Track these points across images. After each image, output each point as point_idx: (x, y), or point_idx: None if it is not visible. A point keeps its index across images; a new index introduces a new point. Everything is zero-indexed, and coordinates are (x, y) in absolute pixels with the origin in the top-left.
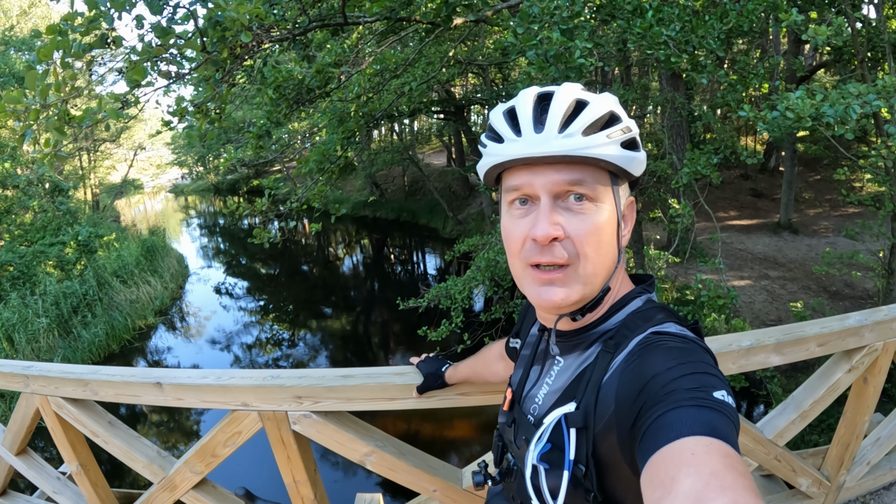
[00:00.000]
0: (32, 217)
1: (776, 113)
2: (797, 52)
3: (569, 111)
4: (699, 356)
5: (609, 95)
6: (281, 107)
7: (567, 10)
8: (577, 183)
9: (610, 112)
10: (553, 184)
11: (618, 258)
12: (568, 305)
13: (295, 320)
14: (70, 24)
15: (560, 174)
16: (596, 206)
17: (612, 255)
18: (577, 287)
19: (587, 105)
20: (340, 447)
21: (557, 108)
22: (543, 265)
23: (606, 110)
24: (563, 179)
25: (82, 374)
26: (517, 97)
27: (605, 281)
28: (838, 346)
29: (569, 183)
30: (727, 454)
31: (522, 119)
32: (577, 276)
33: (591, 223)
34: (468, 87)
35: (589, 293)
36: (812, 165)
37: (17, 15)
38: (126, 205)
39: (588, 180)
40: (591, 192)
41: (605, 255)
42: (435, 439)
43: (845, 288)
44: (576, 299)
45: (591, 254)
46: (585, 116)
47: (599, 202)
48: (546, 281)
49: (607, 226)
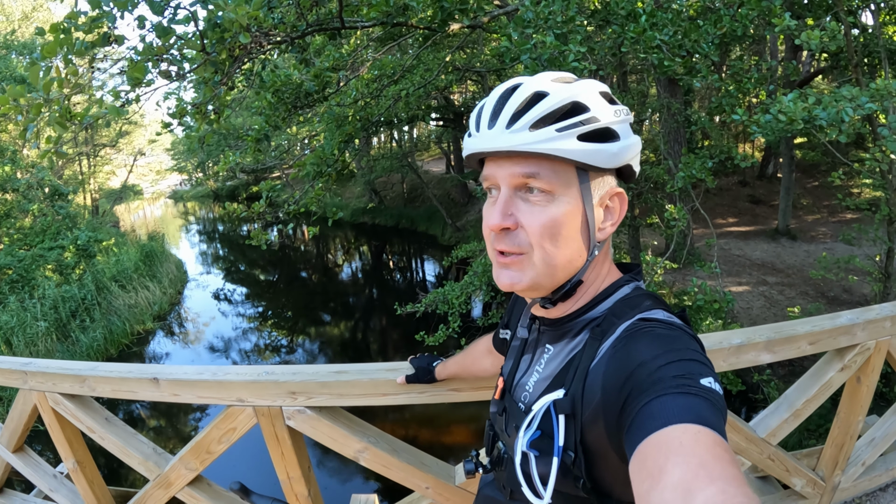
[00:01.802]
0: (32, 221)
1: (769, 116)
2: (794, 58)
3: (521, 105)
4: (686, 343)
5: (586, 83)
6: (279, 111)
7: (561, 15)
8: (531, 176)
9: (571, 103)
10: (510, 176)
11: (588, 250)
12: (521, 290)
13: (293, 326)
14: (73, 22)
15: (516, 167)
16: (553, 199)
17: (576, 247)
18: (530, 273)
19: (544, 97)
20: (334, 443)
21: (512, 102)
22: (505, 252)
23: (566, 101)
24: (519, 172)
25: (80, 370)
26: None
27: (568, 272)
28: (830, 344)
29: (523, 176)
30: (715, 443)
31: (483, 114)
32: (530, 264)
33: (546, 215)
34: (467, 95)
35: (546, 282)
36: (810, 172)
37: (18, 19)
38: (125, 210)
39: (543, 173)
40: (545, 185)
41: (564, 247)
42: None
43: (843, 293)
44: (526, 285)
45: (546, 245)
46: (538, 109)
47: (557, 194)
48: (503, 264)
49: (566, 218)
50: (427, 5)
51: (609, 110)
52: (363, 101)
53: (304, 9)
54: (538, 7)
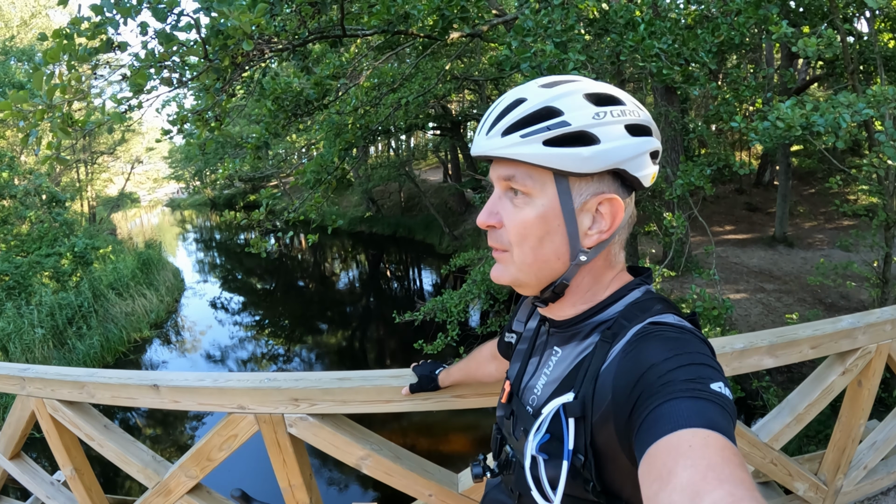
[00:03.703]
0: (29, 227)
1: (766, 123)
2: (790, 66)
3: (501, 111)
4: (696, 347)
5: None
6: (279, 118)
7: (561, 24)
8: (508, 178)
9: (545, 108)
10: (497, 178)
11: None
12: (506, 283)
13: (291, 335)
14: (76, 28)
15: (498, 170)
16: (528, 201)
17: (551, 249)
18: (511, 270)
19: (521, 103)
20: (336, 450)
21: (495, 109)
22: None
23: (539, 106)
24: (500, 175)
25: (79, 376)
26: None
27: (544, 273)
28: (831, 348)
29: (503, 178)
30: (724, 447)
31: (483, 119)
32: (511, 261)
33: (520, 216)
34: (465, 104)
35: (527, 280)
36: (806, 179)
37: (17, 26)
38: (123, 218)
39: (519, 176)
40: (521, 187)
41: (537, 248)
42: (431, 452)
43: (841, 300)
44: (508, 280)
45: (522, 244)
46: (511, 116)
47: (533, 197)
48: (495, 257)
49: (537, 220)
50: (428, 14)
51: (586, 113)
52: (363, 109)
53: (305, 16)
54: (538, 16)
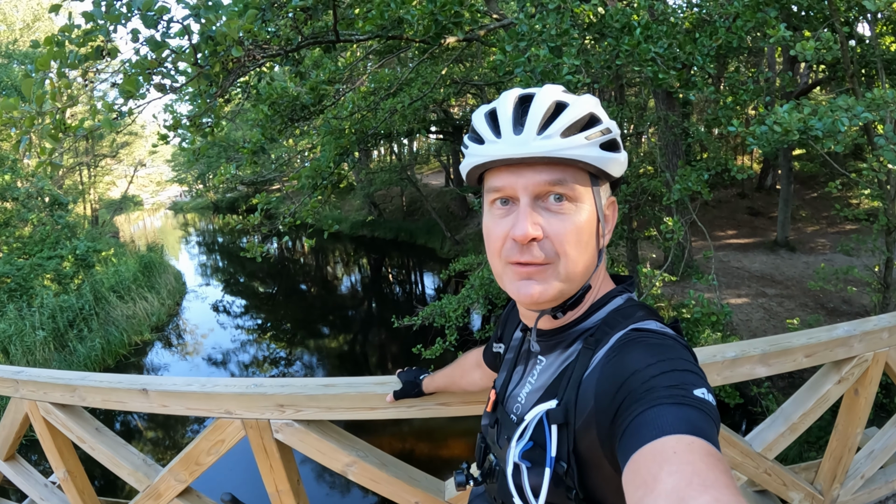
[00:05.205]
0: (31, 230)
1: (764, 127)
2: (791, 70)
3: (549, 112)
4: (679, 353)
5: (589, 97)
6: (276, 123)
7: (555, 28)
8: (557, 183)
9: (590, 114)
10: (534, 185)
11: (598, 258)
12: (546, 301)
13: (292, 338)
14: (67, 35)
15: (540, 175)
16: (576, 206)
17: (592, 254)
18: (555, 284)
19: (567, 107)
20: (322, 456)
21: (537, 110)
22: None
23: (586, 112)
24: (544, 180)
25: (70, 379)
26: (499, 99)
27: (584, 279)
28: (827, 356)
29: (549, 183)
30: (709, 453)
31: (503, 120)
32: (556, 274)
33: (571, 223)
34: (466, 108)
35: (567, 290)
36: (808, 183)
37: (20, 29)
38: (125, 221)
39: (568, 180)
40: (570, 192)
41: (585, 254)
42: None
43: (842, 304)
44: (553, 295)
45: (571, 253)
46: (565, 118)
47: (579, 202)
48: (525, 275)
49: (587, 225)
50: (422, 19)
51: (613, 124)
52: (359, 113)
53: (299, 22)
54: (532, 20)
